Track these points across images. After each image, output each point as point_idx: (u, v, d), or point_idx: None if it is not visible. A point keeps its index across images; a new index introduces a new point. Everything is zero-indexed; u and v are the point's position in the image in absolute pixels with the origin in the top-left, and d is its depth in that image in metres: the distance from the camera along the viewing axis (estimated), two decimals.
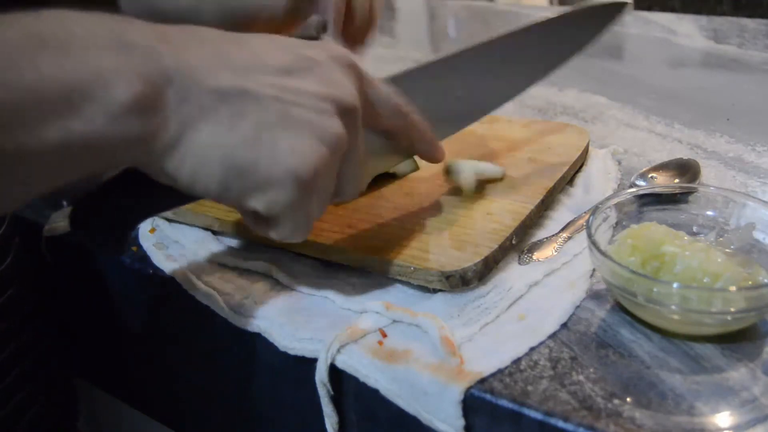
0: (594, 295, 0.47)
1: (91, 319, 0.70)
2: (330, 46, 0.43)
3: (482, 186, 0.57)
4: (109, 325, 0.67)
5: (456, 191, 0.56)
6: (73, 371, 0.80)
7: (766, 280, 0.43)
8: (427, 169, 0.62)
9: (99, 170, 0.37)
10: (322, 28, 0.59)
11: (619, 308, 0.46)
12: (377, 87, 0.44)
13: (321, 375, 0.45)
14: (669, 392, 0.38)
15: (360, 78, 0.43)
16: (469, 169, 0.57)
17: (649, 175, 0.60)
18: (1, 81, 0.30)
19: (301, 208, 0.40)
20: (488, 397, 0.40)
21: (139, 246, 0.59)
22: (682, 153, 0.67)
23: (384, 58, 1.05)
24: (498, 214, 0.53)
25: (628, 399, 0.38)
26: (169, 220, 0.60)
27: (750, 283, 0.42)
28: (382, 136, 0.48)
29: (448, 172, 0.57)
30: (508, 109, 0.82)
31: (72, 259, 0.64)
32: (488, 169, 0.58)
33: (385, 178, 0.59)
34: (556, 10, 0.57)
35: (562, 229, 0.54)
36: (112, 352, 0.70)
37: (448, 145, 0.51)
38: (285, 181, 0.38)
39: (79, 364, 0.78)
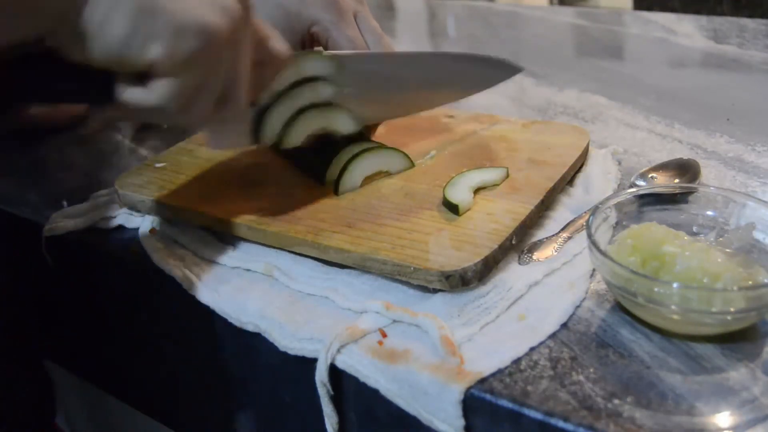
0: (594, 295, 0.47)
1: (91, 319, 0.70)
2: None
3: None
4: (109, 324, 0.67)
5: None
6: (73, 371, 0.80)
7: (766, 280, 0.43)
8: (427, 169, 0.62)
9: (24, 26, 0.39)
10: None
11: (619, 308, 0.46)
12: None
13: (321, 375, 0.45)
14: (669, 392, 0.39)
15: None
16: (463, 185, 0.56)
17: (649, 175, 0.60)
18: None
19: (196, 71, 0.42)
20: (488, 397, 0.40)
21: (139, 246, 0.59)
22: (682, 153, 0.67)
23: None
24: (498, 214, 0.53)
25: (628, 399, 0.38)
26: (170, 220, 0.60)
27: (750, 283, 0.42)
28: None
29: (444, 194, 0.55)
30: (508, 109, 0.83)
31: (72, 258, 0.64)
32: (488, 177, 0.57)
33: (380, 176, 0.60)
34: (554, 9, 0.58)
35: (562, 229, 0.54)
36: (112, 352, 0.70)
37: (450, 148, 0.51)
38: (192, 29, 0.41)
39: (79, 364, 0.78)
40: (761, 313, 0.41)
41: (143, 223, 0.61)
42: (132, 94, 0.43)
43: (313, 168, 0.61)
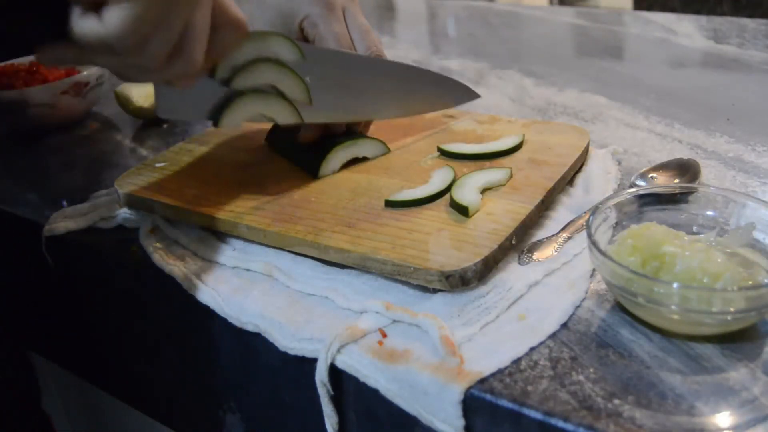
0: (594, 295, 0.47)
1: (90, 319, 0.70)
2: None
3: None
4: (109, 324, 0.67)
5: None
6: (73, 370, 0.80)
7: (766, 280, 0.43)
8: (428, 170, 0.62)
9: None
10: None
11: (619, 308, 0.46)
12: None
13: (321, 375, 0.45)
14: (669, 392, 0.39)
15: None
16: (470, 186, 0.56)
17: (649, 175, 0.60)
18: None
19: (152, 3, 0.40)
20: (488, 397, 0.40)
21: (139, 246, 0.59)
22: (682, 153, 0.67)
23: None
24: (498, 214, 0.53)
25: (628, 399, 0.38)
26: (170, 220, 0.60)
27: (750, 283, 0.42)
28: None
29: (451, 196, 0.55)
30: (508, 109, 0.83)
31: (72, 258, 0.64)
32: (494, 178, 0.58)
33: (358, 162, 0.64)
34: (554, 9, 0.58)
35: (562, 229, 0.54)
36: (112, 352, 0.70)
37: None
38: None
39: (79, 364, 0.78)
40: (761, 313, 0.41)
41: (143, 223, 0.61)
42: (85, 25, 0.41)
43: (306, 163, 0.63)
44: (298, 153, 0.65)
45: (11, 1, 0.41)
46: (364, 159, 0.65)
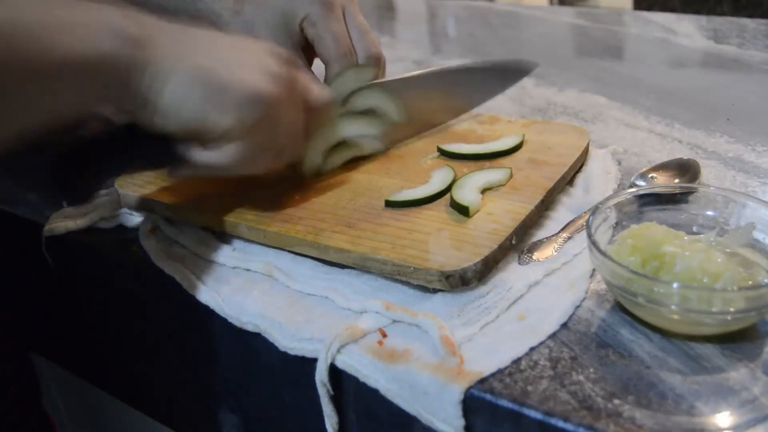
0: (594, 295, 0.47)
1: (90, 319, 0.70)
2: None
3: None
4: (109, 324, 0.67)
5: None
6: (73, 370, 0.80)
7: (766, 280, 0.43)
8: (428, 170, 0.62)
9: (90, 101, 0.46)
10: None
11: (619, 308, 0.46)
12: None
13: (321, 375, 0.45)
14: (669, 392, 0.39)
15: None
16: (470, 186, 0.56)
17: (649, 175, 0.60)
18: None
19: (259, 133, 0.49)
20: (488, 397, 0.40)
21: (139, 246, 0.59)
22: (682, 153, 0.67)
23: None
24: (498, 214, 0.53)
25: (628, 399, 0.38)
26: (170, 220, 0.60)
27: (750, 283, 0.42)
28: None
29: (452, 196, 0.55)
30: (508, 109, 0.83)
31: (72, 258, 0.64)
32: (494, 178, 0.58)
33: (356, 161, 0.65)
34: (554, 9, 0.59)
35: (562, 229, 0.54)
36: (111, 352, 0.70)
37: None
38: (255, 99, 0.48)
39: (79, 364, 0.78)
40: (761, 313, 0.41)
41: (143, 223, 0.61)
42: (205, 157, 0.50)
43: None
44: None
45: (135, 141, 0.49)
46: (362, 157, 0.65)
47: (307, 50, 0.67)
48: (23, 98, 0.42)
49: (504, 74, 0.73)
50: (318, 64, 0.67)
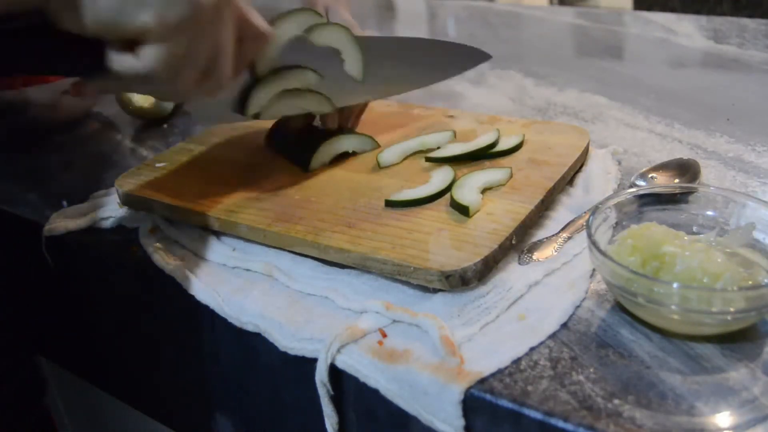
0: (594, 295, 0.47)
1: (90, 319, 0.70)
2: None
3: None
4: (109, 324, 0.67)
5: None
6: (73, 370, 0.80)
7: (766, 280, 0.43)
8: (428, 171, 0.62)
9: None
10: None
11: (619, 308, 0.46)
12: None
13: (321, 375, 0.45)
14: (669, 392, 0.39)
15: None
16: (470, 186, 0.56)
17: (649, 175, 0.60)
18: None
19: (182, 38, 0.45)
20: (488, 397, 0.40)
21: (139, 246, 0.59)
22: (682, 153, 0.67)
23: None
24: (498, 213, 0.53)
25: (628, 399, 0.38)
26: (169, 220, 0.60)
27: (750, 283, 0.42)
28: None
29: (452, 196, 0.55)
30: (508, 109, 0.83)
31: (72, 258, 0.64)
32: (494, 178, 0.57)
33: (348, 157, 0.65)
34: (554, 9, 0.59)
35: (562, 229, 0.54)
36: (111, 351, 0.70)
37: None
38: None
39: (78, 363, 0.78)
40: (761, 313, 0.41)
41: (143, 223, 0.61)
42: (122, 61, 0.46)
43: (298, 156, 0.64)
44: (292, 148, 0.66)
45: (56, 41, 0.45)
46: (354, 154, 0.65)
47: None
48: None
49: (461, 58, 0.71)
50: None
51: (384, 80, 0.66)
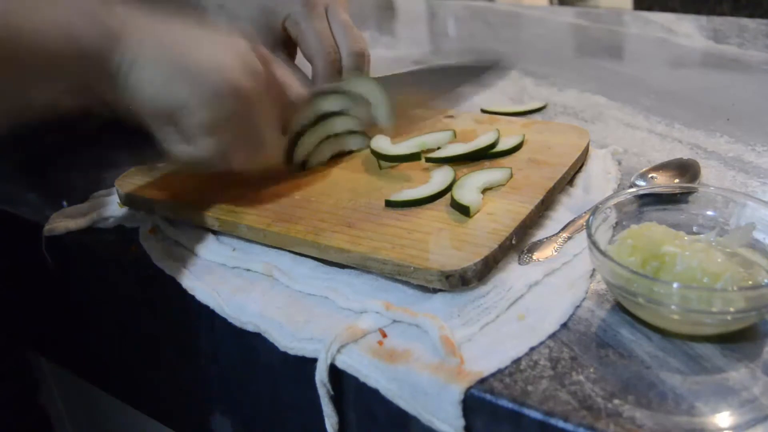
0: (594, 295, 0.47)
1: (90, 319, 0.70)
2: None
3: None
4: (109, 324, 0.67)
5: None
6: (72, 370, 0.80)
7: (766, 281, 0.43)
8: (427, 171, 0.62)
9: (66, 90, 0.47)
10: None
11: (619, 308, 0.46)
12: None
13: (321, 375, 0.45)
14: (669, 392, 0.39)
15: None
16: (470, 186, 0.56)
17: (649, 175, 0.60)
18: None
19: (233, 127, 0.50)
20: (488, 397, 0.40)
21: (139, 246, 0.59)
22: (682, 153, 0.67)
23: (384, 58, 1.05)
24: (498, 213, 0.53)
25: (628, 399, 0.38)
26: (169, 220, 0.60)
27: (750, 283, 0.42)
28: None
29: (452, 196, 0.55)
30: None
31: (72, 258, 0.64)
32: (494, 178, 0.57)
33: (343, 155, 0.66)
34: (554, 9, 0.59)
35: (562, 229, 0.54)
36: (111, 351, 0.70)
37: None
38: (230, 93, 0.49)
39: (78, 363, 0.78)
40: (761, 313, 0.41)
41: (143, 223, 0.61)
42: (181, 150, 0.52)
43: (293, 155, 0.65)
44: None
45: (123, 139, 0.52)
46: (351, 153, 0.67)
47: (289, 45, 0.68)
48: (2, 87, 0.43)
49: (471, 71, 0.74)
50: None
51: (405, 113, 0.70)
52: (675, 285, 0.41)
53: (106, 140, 0.53)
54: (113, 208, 0.63)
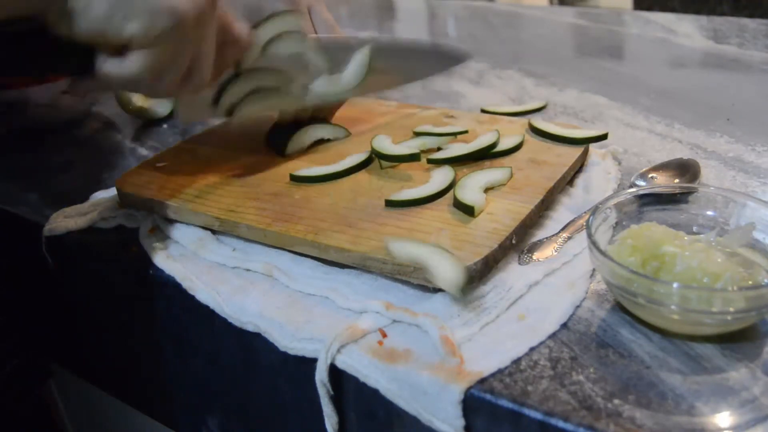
0: (594, 295, 0.47)
1: (90, 319, 0.70)
2: None
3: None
4: (109, 324, 0.67)
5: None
6: (73, 370, 0.80)
7: (766, 280, 0.43)
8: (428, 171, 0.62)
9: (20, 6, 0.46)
10: None
11: (619, 308, 0.46)
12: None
13: (321, 375, 0.45)
14: (669, 392, 0.39)
15: None
16: (473, 186, 0.56)
17: (649, 175, 0.60)
18: None
19: (166, 46, 0.49)
20: (488, 397, 0.40)
21: (139, 246, 0.59)
22: (682, 153, 0.67)
23: None
24: (498, 213, 0.53)
25: (628, 399, 0.38)
26: (170, 220, 0.60)
27: (750, 283, 0.42)
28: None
29: (455, 196, 0.55)
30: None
31: (72, 258, 0.64)
32: (495, 178, 0.57)
33: (321, 143, 0.68)
34: (554, 9, 0.59)
35: (562, 229, 0.54)
36: (111, 352, 0.70)
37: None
38: (165, 11, 0.48)
39: (78, 364, 0.78)
40: (761, 313, 0.41)
41: (143, 223, 0.61)
42: (110, 66, 0.50)
43: (277, 145, 0.67)
44: (275, 138, 0.69)
45: (50, 44, 0.49)
46: (327, 141, 0.69)
47: None
48: None
49: (440, 58, 0.72)
50: None
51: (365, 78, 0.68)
52: (675, 285, 0.41)
53: (31, 47, 0.50)
54: (113, 208, 0.63)
